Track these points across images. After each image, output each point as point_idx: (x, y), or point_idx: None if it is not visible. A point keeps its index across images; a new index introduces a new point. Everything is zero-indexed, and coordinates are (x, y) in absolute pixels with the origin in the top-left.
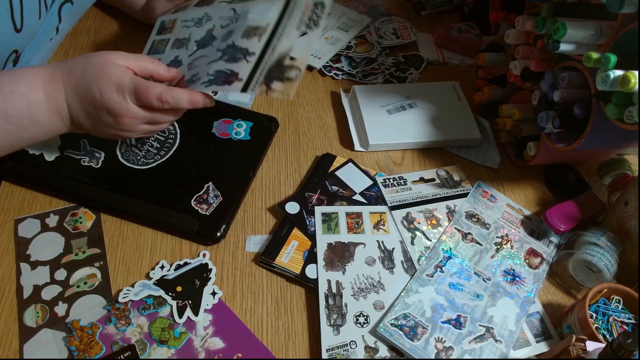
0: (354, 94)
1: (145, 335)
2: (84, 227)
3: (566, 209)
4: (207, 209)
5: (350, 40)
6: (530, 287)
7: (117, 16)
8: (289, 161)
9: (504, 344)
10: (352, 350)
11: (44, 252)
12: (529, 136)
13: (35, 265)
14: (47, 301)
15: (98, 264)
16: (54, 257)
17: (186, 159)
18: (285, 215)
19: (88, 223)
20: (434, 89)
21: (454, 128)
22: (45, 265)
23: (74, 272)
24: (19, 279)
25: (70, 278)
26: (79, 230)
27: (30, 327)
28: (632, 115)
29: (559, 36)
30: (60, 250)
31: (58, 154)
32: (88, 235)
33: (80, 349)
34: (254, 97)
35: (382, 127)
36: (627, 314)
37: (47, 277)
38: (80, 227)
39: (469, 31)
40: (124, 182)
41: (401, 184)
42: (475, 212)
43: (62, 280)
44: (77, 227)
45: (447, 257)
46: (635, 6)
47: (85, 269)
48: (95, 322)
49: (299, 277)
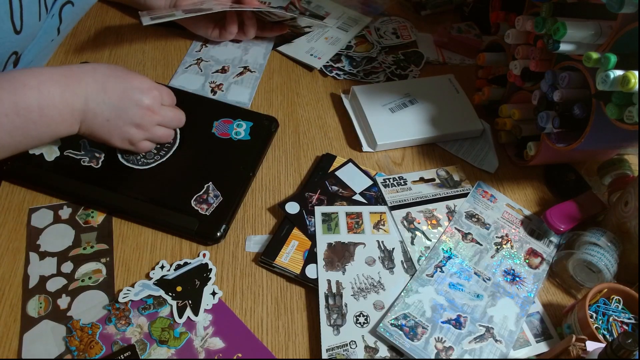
0: (354, 94)
1: (145, 335)
2: (95, 222)
3: (566, 209)
4: (207, 209)
5: (350, 40)
6: (530, 287)
7: (117, 16)
8: (289, 161)
9: (504, 344)
10: (352, 350)
11: (53, 244)
12: (529, 136)
13: (44, 255)
14: (51, 293)
15: (104, 260)
16: (62, 249)
17: (186, 158)
18: (285, 215)
19: (99, 218)
20: (431, 83)
21: (457, 121)
22: (53, 257)
23: (80, 266)
24: (27, 268)
25: (76, 272)
26: (90, 224)
27: (32, 317)
28: (632, 115)
29: (559, 36)
30: (70, 242)
31: (58, 154)
32: (98, 230)
33: (80, 349)
34: (253, 97)
35: (387, 126)
36: (627, 314)
37: (54, 268)
38: (91, 221)
39: (469, 31)
40: (124, 182)
41: (401, 184)
42: (475, 212)
43: (68, 273)
44: (88, 222)
45: (447, 257)
46: (635, 6)
47: (91, 264)
48: (95, 322)
49: (299, 277)
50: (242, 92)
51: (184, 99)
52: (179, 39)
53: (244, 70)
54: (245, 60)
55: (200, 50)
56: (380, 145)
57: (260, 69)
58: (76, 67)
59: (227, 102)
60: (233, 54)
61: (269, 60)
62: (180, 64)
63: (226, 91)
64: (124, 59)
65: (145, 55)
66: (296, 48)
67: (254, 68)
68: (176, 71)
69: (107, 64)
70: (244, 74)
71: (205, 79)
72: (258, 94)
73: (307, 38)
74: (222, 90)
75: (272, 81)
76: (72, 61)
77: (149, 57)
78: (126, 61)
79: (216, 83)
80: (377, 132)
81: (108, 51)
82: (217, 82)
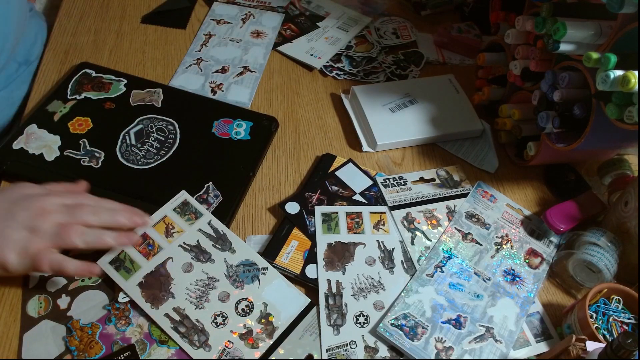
0: (354, 94)
1: (145, 335)
2: None
3: (566, 209)
4: (207, 209)
5: (350, 40)
6: (530, 287)
7: (117, 16)
8: (289, 161)
9: (504, 344)
10: (352, 350)
11: None
12: (529, 136)
13: None
14: (51, 293)
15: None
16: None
17: (186, 159)
18: (285, 215)
19: None
20: (431, 83)
21: (456, 121)
22: None
23: None
24: None
25: None
26: None
27: (32, 317)
28: (632, 115)
29: (559, 36)
30: None
31: (58, 153)
32: None
33: (80, 349)
34: (253, 97)
35: (388, 126)
36: (627, 314)
37: None
38: None
39: (469, 31)
40: (124, 182)
41: (401, 184)
42: (475, 212)
43: None
44: None
45: (447, 257)
46: (635, 6)
47: None
48: (95, 322)
49: (299, 277)
50: (242, 92)
51: (184, 99)
52: (179, 39)
53: (244, 70)
54: (245, 60)
55: (200, 50)
56: (380, 145)
57: (260, 69)
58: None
59: (227, 102)
60: (233, 53)
61: (269, 60)
62: (180, 64)
63: (226, 91)
64: (124, 59)
65: (145, 55)
66: (296, 48)
67: (254, 68)
68: (176, 71)
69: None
70: (244, 73)
71: (205, 78)
72: (258, 94)
73: (307, 38)
74: (222, 90)
75: (272, 81)
76: (72, 61)
77: (149, 57)
78: (126, 61)
79: (216, 83)
80: (377, 132)
81: (108, 51)
82: (217, 82)
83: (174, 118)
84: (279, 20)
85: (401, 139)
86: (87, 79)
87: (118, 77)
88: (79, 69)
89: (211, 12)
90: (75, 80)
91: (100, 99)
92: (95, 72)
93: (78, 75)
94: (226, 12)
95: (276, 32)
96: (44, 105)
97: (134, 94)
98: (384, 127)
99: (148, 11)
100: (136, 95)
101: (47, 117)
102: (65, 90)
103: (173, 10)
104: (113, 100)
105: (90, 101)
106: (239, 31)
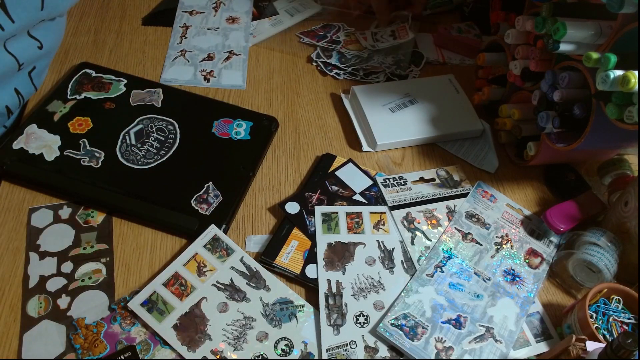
0: (354, 94)
1: (149, 335)
2: (95, 222)
3: (566, 209)
4: (207, 209)
5: (292, 24)
6: (530, 287)
7: (117, 16)
8: (289, 161)
9: (504, 344)
10: (352, 350)
11: (53, 243)
12: (529, 136)
13: (44, 255)
14: (51, 293)
15: (104, 260)
16: (62, 249)
17: (186, 159)
18: (285, 215)
19: (99, 218)
20: (431, 83)
21: (456, 121)
22: (53, 257)
23: (80, 266)
24: (27, 268)
25: (76, 272)
26: (90, 224)
27: (32, 317)
28: (632, 115)
29: (559, 36)
30: (70, 242)
31: (58, 153)
32: (98, 230)
33: (85, 347)
34: (255, 100)
35: (388, 125)
36: (627, 314)
37: (54, 268)
38: (91, 221)
39: (469, 31)
40: (124, 182)
41: (401, 184)
42: (475, 212)
43: (68, 273)
44: (88, 221)
45: (447, 257)
46: (635, 6)
47: (91, 264)
48: (100, 320)
49: (299, 277)
50: (235, 76)
51: (184, 99)
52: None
53: (230, 55)
54: (228, 45)
55: (181, 42)
56: (380, 145)
57: (245, 51)
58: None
59: (225, 102)
60: (215, 41)
61: (269, 60)
62: (165, 58)
63: (219, 77)
64: (124, 59)
65: (145, 55)
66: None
67: (238, 51)
68: (164, 65)
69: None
70: (230, 58)
71: (195, 68)
72: (258, 94)
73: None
74: (215, 77)
75: (272, 81)
76: (72, 61)
77: (149, 57)
78: (126, 61)
79: (207, 71)
80: (377, 132)
81: (108, 51)
82: (207, 69)
83: (174, 118)
84: (249, 5)
85: (401, 139)
86: (87, 79)
87: (118, 77)
88: (79, 69)
89: (180, 4)
90: (75, 80)
91: (100, 99)
92: (95, 72)
93: (78, 75)
94: (196, 2)
95: (250, 15)
96: (44, 105)
97: (134, 94)
98: (384, 127)
99: (148, 11)
100: (136, 95)
101: (47, 117)
102: (65, 90)
103: (172, 9)
104: (113, 100)
105: (90, 101)
106: (213, 19)
